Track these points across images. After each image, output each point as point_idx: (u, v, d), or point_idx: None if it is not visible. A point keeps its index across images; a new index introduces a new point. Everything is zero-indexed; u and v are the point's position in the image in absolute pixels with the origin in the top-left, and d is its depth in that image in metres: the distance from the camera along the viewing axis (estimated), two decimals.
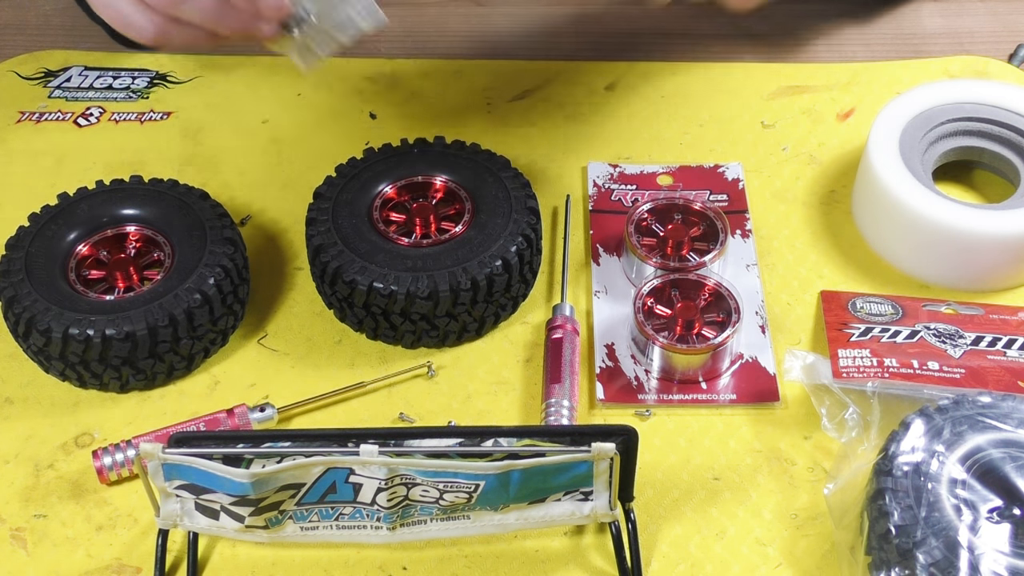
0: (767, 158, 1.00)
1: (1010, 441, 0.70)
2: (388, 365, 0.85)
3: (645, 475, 0.77)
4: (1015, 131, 0.93)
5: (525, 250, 0.85)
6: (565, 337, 0.83)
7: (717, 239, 0.89)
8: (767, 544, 0.74)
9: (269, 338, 0.87)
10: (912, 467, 0.69)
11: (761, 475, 0.78)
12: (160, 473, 0.69)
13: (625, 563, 0.72)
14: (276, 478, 0.68)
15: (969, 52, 1.10)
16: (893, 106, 0.94)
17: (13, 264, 0.84)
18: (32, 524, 0.76)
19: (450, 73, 1.10)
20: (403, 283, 0.82)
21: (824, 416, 0.78)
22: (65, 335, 0.79)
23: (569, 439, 0.70)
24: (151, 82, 1.09)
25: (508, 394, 0.83)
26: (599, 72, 1.09)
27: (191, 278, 0.83)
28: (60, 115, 1.06)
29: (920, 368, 0.79)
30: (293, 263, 0.93)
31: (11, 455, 0.80)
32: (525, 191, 0.89)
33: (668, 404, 0.82)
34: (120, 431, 0.81)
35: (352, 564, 0.74)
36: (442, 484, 0.69)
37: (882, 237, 0.91)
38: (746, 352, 0.84)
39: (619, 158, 1.00)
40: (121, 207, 0.88)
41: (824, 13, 1.17)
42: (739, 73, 1.08)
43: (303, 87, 1.08)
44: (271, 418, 0.80)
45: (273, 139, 1.03)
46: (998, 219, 0.86)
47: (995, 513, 0.67)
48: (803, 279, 0.90)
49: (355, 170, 0.90)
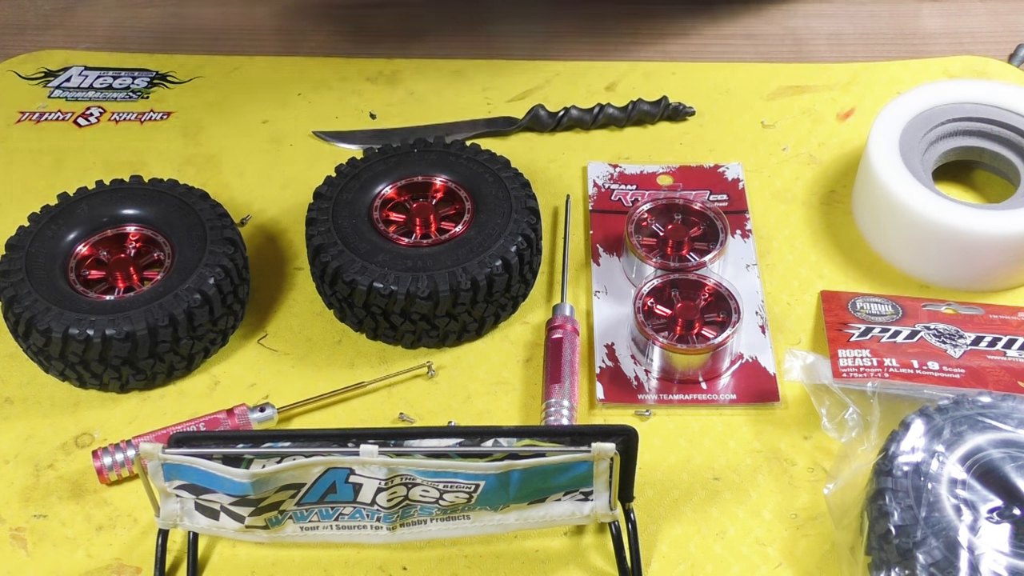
0: (767, 158, 1.00)
1: (1010, 441, 0.70)
2: (388, 365, 0.85)
3: (645, 475, 0.77)
4: (1015, 131, 0.93)
5: (525, 250, 0.85)
6: (565, 337, 0.83)
7: (717, 239, 0.89)
8: (767, 544, 0.74)
9: (269, 338, 0.87)
10: (912, 467, 0.69)
11: (761, 475, 0.78)
12: (160, 473, 0.69)
13: (625, 563, 0.72)
14: (276, 478, 0.68)
15: (969, 52, 1.10)
16: (893, 106, 0.94)
17: (13, 264, 0.84)
18: (32, 524, 0.76)
19: (450, 73, 1.10)
20: (403, 283, 0.82)
21: (824, 416, 0.78)
22: (65, 335, 0.79)
23: (569, 439, 0.70)
24: (151, 82, 1.09)
25: (508, 394, 0.83)
26: (599, 72, 1.09)
27: (191, 278, 0.83)
28: (60, 115, 1.06)
29: (920, 368, 0.79)
30: (293, 263, 0.93)
31: (11, 455, 0.80)
32: (525, 191, 0.89)
33: (668, 404, 0.82)
34: (120, 431, 0.81)
35: (352, 564, 0.74)
36: (442, 484, 0.69)
37: (882, 237, 0.91)
38: (746, 352, 0.84)
39: (619, 158, 1.00)
40: (121, 207, 0.88)
41: (824, 13, 1.17)
42: (739, 73, 1.08)
43: (303, 87, 1.08)
44: (271, 418, 0.80)
45: (273, 139, 1.03)
46: (998, 219, 0.86)
47: (995, 513, 0.67)
48: (803, 279, 0.90)
49: (355, 170, 0.90)
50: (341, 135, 1.01)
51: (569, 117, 1.01)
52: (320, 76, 1.10)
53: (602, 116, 1.01)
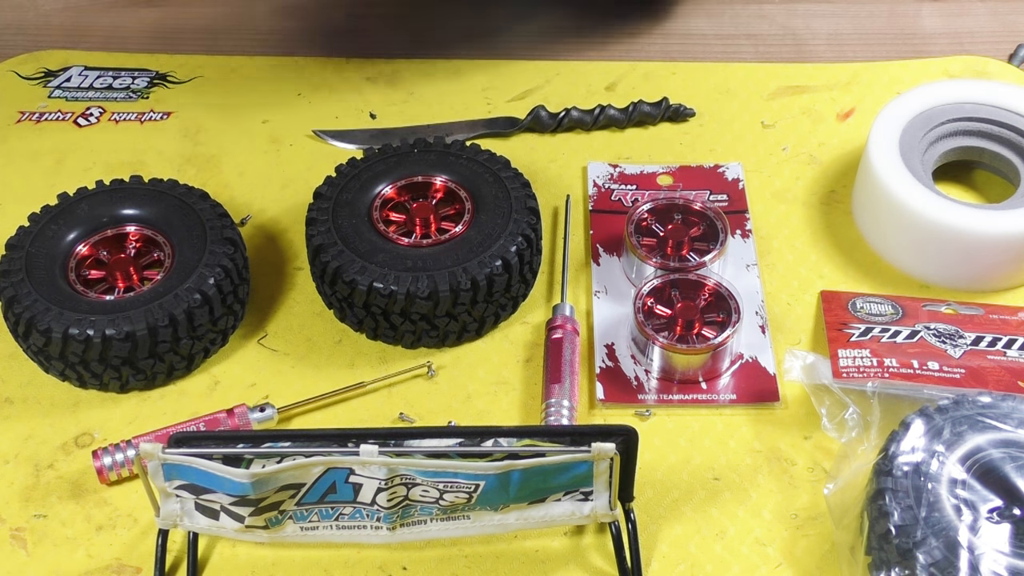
0: (767, 158, 1.00)
1: (1010, 441, 0.70)
2: (388, 365, 0.85)
3: (645, 475, 0.77)
4: (1015, 131, 0.93)
5: (525, 250, 0.85)
6: (565, 337, 0.83)
7: (717, 239, 0.89)
8: (767, 544, 0.74)
9: (269, 338, 0.87)
10: (912, 467, 0.69)
11: (761, 475, 0.78)
12: (160, 473, 0.69)
13: (625, 563, 0.72)
14: (276, 478, 0.68)
15: (969, 52, 1.10)
16: (893, 106, 0.94)
17: (13, 264, 0.84)
18: (32, 524, 0.76)
19: (450, 73, 1.10)
20: (403, 283, 0.82)
21: (824, 416, 0.78)
22: (65, 335, 0.79)
23: (569, 439, 0.70)
24: (151, 82, 1.09)
25: (508, 394, 0.83)
26: (599, 72, 1.09)
27: (191, 278, 0.83)
28: (60, 115, 1.06)
29: (920, 368, 0.79)
30: (293, 263, 0.93)
31: (11, 455, 0.80)
32: (525, 191, 0.89)
33: (668, 404, 0.82)
34: (120, 431, 0.81)
35: (352, 564, 0.74)
36: (442, 484, 0.69)
37: (882, 237, 0.91)
38: (746, 352, 0.84)
39: (619, 158, 1.00)
40: (121, 207, 0.88)
41: (824, 13, 1.17)
42: (739, 73, 1.08)
43: (303, 87, 1.08)
44: (271, 418, 0.80)
45: (273, 139, 1.03)
46: (998, 219, 0.86)
47: (995, 513, 0.67)
48: (803, 279, 0.90)
49: (355, 170, 0.90)
50: (341, 134, 1.01)
51: (570, 118, 1.01)
52: (320, 76, 1.10)
53: (603, 117, 1.01)
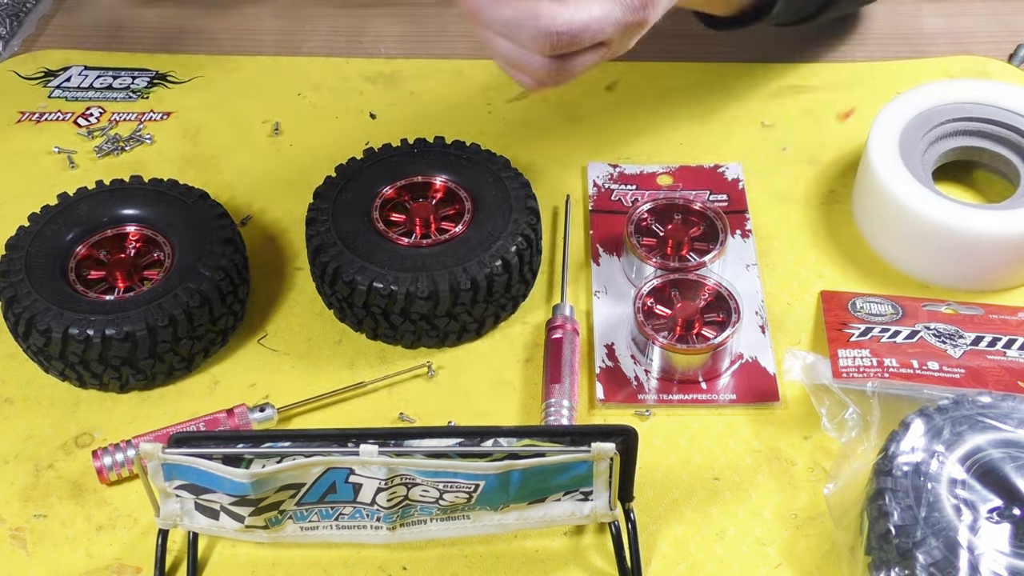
0: (767, 158, 1.00)
1: (1010, 441, 0.70)
2: (388, 365, 0.85)
3: (645, 475, 0.77)
4: (1015, 131, 0.93)
5: (525, 250, 0.85)
6: (565, 337, 0.83)
7: (717, 239, 0.89)
8: (767, 544, 0.74)
9: (269, 338, 0.87)
10: (912, 467, 0.69)
11: (761, 475, 0.77)
12: (160, 473, 0.69)
13: (625, 563, 0.72)
14: (276, 478, 0.68)
15: (969, 52, 1.10)
16: (893, 106, 0.94)
17: (13, 264, 0.84)
18: (32, 524, 0.76)
19: (450, 73, 1.10)
20: (403, 283, 0.82)
21: (824, 416, 0.78)
22: (65, 335, 0.79)
23: (569, 439, 0.70)
24: (151, 82, 1.09)
25: (508, 394, 0.83)
26: (599, 72, 1.09)
27: (191, 278, 0.83)
28: (60, 115, 1.06)
29: (920, 368, 0.79)
30: (293, 263, 0.93)
31: (11, 455, 0.80)
32: (525, 191, 0.89)
33: (668, 404, 0.82)
34: (120, 431, 0.81)
35: (352, 564, 0.74)
36: (442, 484, 0.69)
37: (882, 237, 0.91)
38: (746, 352, 0.84)
39: (619, 158, 1.00)
40: (121, 207, 0.88)
41: None
42: (739, 73, 1.08)
43: (303, 87, 1.08)
44: (271, 418, 0.80)
45: (273, 139, 1.03)
46: (998, 219, 0.86)
47: (995, 513, 0.67)
48: (803, 279, 0.90)
49: (355, 170, 0.90)
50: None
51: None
52: (320, 76, 1.10)
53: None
